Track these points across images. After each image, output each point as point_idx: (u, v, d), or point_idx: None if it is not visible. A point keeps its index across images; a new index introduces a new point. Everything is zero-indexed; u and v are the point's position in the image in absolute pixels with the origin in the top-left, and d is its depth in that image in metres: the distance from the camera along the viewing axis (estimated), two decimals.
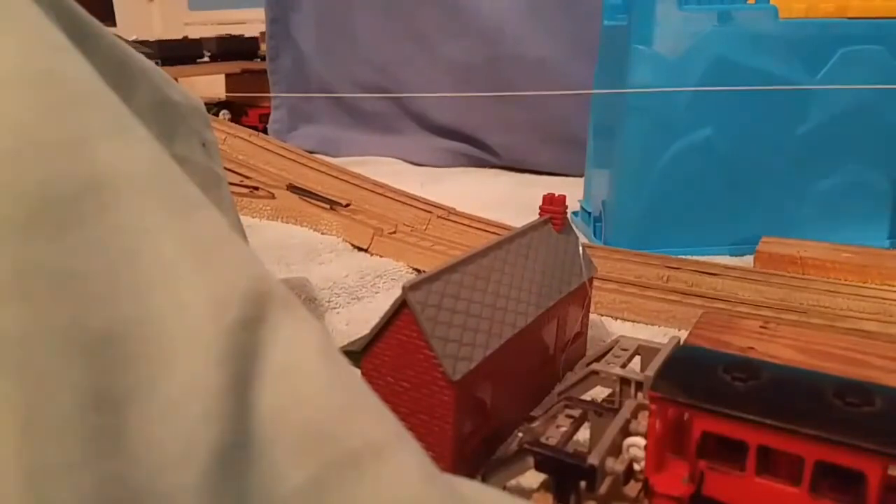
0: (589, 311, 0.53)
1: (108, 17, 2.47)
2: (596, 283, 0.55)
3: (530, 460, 0.35)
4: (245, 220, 0.79)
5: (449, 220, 0.95)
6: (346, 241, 0.85)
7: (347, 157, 1.51)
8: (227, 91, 2.10)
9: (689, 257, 0.80)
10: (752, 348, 0.48)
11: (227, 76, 2.09)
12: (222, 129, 1.13)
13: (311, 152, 1.23)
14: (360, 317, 0.65)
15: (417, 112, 1.57)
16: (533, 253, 0.46)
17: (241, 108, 1.99)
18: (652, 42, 0.86)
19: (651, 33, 0.86)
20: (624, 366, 0.43)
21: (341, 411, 0.20)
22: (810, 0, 0.83)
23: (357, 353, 0.38)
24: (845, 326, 0.61)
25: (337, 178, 1.07)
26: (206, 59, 2.00)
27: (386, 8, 1.53)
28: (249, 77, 2.00)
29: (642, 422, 0.34)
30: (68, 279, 0.17)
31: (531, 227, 0.48)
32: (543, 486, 0.35)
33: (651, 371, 0.37)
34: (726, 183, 0.87)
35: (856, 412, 0.27)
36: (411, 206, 0.99)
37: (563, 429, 0.37)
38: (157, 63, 0.47)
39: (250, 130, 1.17)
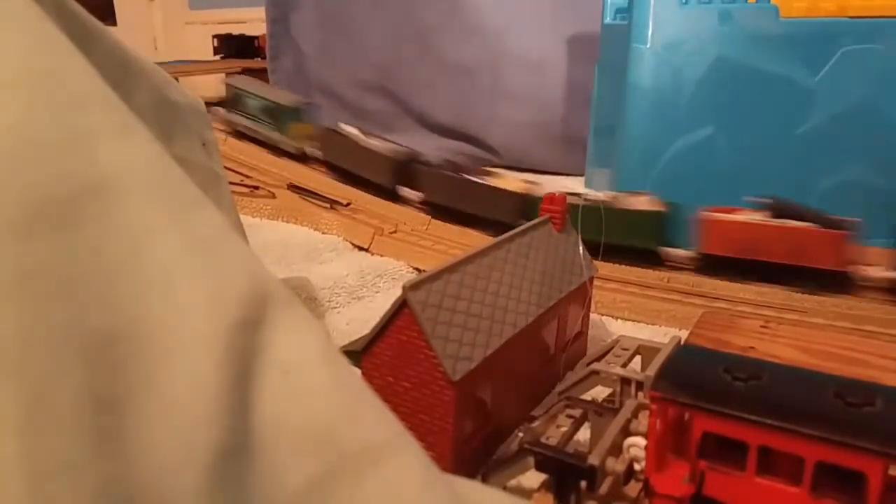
0: (589, 311, 0.53)
1: (109, 17, 2.47)
2: (596, 282, 0.55)
3: (530, 460, 0.35)
4: (245, 219, 0.79)
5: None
6: (347, 241, 0.85)
7: None
8: None
9: None
10: (752, 348, 0.48)
11: (228, 75, 2.10)
12: (223, 129, 1.13)
13: None
14: (361, 316, 0.65)
15: (418, 111, 1.57)
16: (533, 253, 0.46)
17: None
18: (653, 41, 0.86)
19: (652, 32, 0.86)
20: (624, 365, 0.43)
21: (342, 412, 0.20)
22: None
23: (357, 353, 0.38)
24: (846, 326, 0.61)
25: (337, 177, 1.07)
26: None
27: (386, 8, 1.53)
28: (249, 76, 2.00)
29: (643, 422, 0.34)
30: (68, 279, 0.17)
31: (531, 227, 0.48)
32: (543, 486, 0.35)
33: (652, 371, 0.37)
34: (727, 182, 0.87)
35: (857, 412, 0.27)
36: (412, 205, 0.99)
37: (564, 429, 0.37)
38: None
39: None
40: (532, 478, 0.36)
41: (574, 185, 1.13)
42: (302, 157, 1.07)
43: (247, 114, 1.12)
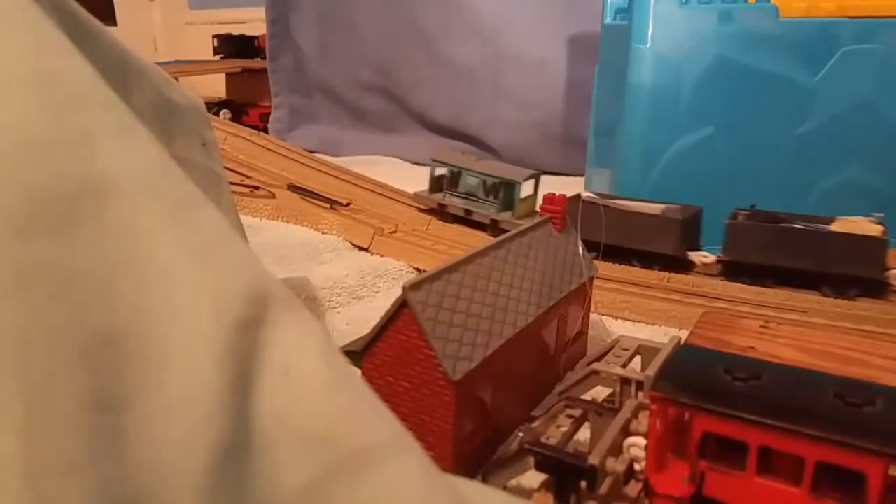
0: (589, 311, 0.53)
1: (109, 17, 2.47)
2: (596, 282, 0.55)
3: (530, 460, 0.35)
4: (245, 219, 0.79)
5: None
6: (347, 241, 0.85)
7: (348, 157, 1.51)
8: (227, 90, 2.10)
9: None
10: (752, 348, 0.48)
11: (228, 75, 2.10)
12: (223, 129, 1.13)
13: (311, 152, 1.23)
14: (361, 316, 0.65)
15: (418, 111, 1.57)
16: (533, 253, 0.46)
17: (242, 107, 1.99)
18: (653, 41, 0.86)
19: (652, 32, 0.86)
20: (624, 365, 0.43)
21: (342, 412, 0.20)
22: None
23: (357, 353, 0.38)
24: (846, 326, 0.61)
25: (337, 177, 1.07)
26: None
27: (386, 8, 1.53)
28: (249, 76, 2.01)
29: (643, 422, 0.34)
30: (68, 279, 0.17)
31: (531, 227, 0.48)
32: (543, 486, 0.35)
33: (652, 371, 0.37)
34: (727, 182, 0.87)
35: (857, 412, 0.27)
36: (412, 205, 0.99)
37: (564, 429, 0.37)
38: None
39: (251, 130, 1.18)
40: (532, 478, 0.36)
41: (572, 185, 1.13)
42: None
43: (462, 193, 0.93)
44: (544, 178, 1.36)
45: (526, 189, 0.90)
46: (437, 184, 0.96)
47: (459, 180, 0.94)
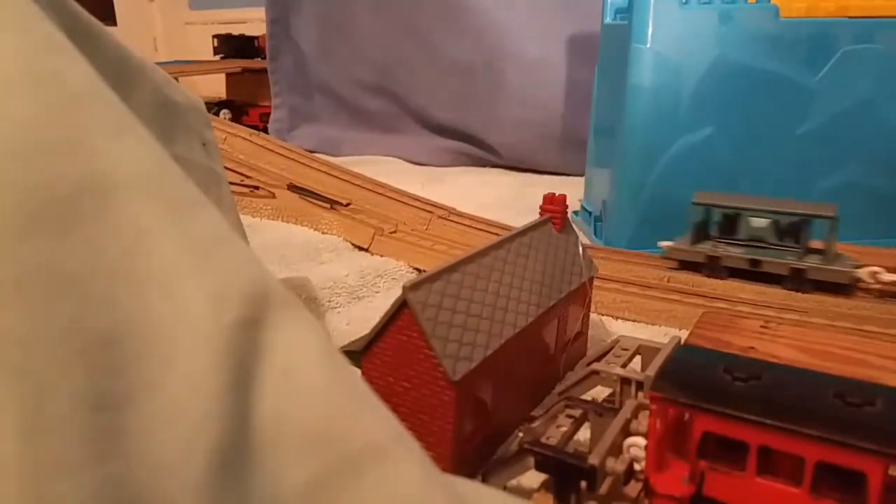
0: (589, 311, 0.53)
1: (109, 17, 2.47)
2: (596, 282, 0.55)
3: (530, 460, 0.35)
4: (245, 219, 0.79)
5: (449, 220, 0.95)
6: (347, 241, 0.85)
7: (348, 157, 1.51)
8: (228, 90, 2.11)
9: None
10: (752, 348, 0.48)
11: (228, 75, 2.10)
12: (223, 129, 1.13)
13: (311, 152, 1.23)
14: (361, 316, 0.65)
15: (418, 111, 1.57)
16: (533, 252, 0.46)
17: (242, 107, 1.99)
18: (653, 41, 0.86)
19: (652, 32, 0.86)
20: (624, 365, 0.43)
21: (341, 412, 0.20)
22: None
23: (357, 353, 0.38)
24: (846, 326, 0.61)
25: (337, 177, 1.07)
26: None
27: (386, 8, 1.53)
28: (249, 76, 2.01)
29: (643, 422, 0.34)
30: (68, 280, 0.17)
31: (531, 227, 0.48)
32: (543, 486, 0.35)
33: (652, 371, 0.37)
34: (727, 182, 0.87)
35: (857, 412, 0.27)
36: (412, 206, 0.99)
37: (564, 429, 0.37)
38: None
39: (251, 130, 1.18)
40: (532, 478, 0.36)
41: (572, 185, 1.13)
42: (846, 290, 0.69)
43: (743, 240, 0.75)
44: (544, 179, 1.37)
45: None
46: (700, 232, 0.77)
47: (738, 224, 0.76)
